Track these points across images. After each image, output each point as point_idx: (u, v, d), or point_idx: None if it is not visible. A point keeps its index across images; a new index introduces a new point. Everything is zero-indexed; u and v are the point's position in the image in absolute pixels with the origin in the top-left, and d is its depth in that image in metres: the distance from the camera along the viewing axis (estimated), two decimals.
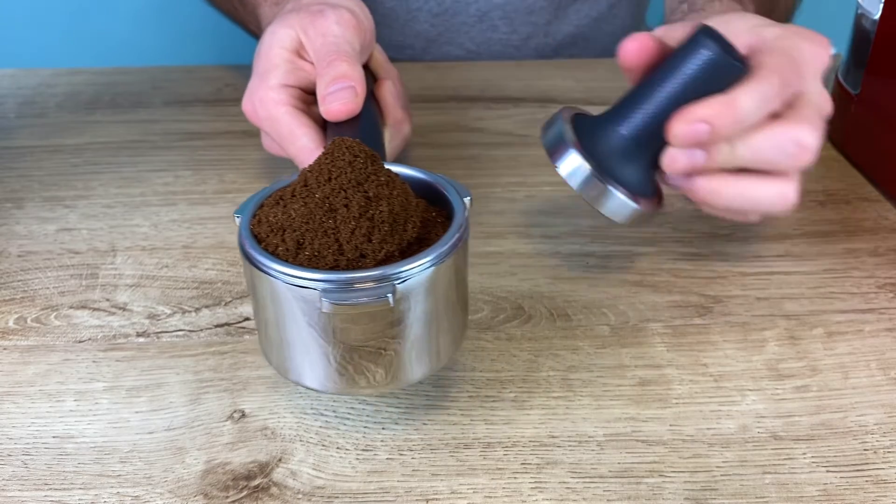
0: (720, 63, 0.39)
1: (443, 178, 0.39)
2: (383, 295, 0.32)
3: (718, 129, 0.40)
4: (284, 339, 0.35)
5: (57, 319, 0.45)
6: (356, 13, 0.52)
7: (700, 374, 0.41)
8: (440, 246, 0.34)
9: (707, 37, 0.40)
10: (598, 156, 0.42)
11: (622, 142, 0.42)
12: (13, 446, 0.38)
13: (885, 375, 0.41)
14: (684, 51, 0.40)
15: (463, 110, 0.67)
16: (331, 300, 0.31)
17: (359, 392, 0.37)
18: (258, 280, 0.34)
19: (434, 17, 0.81)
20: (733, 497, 0.35)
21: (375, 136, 0.48)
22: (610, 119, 0.43)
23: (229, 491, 0.35)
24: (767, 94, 0.40)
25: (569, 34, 0.84)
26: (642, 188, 0.43)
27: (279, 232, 0.34)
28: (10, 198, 0.56)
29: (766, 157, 0.42)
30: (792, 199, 0.43)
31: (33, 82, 0.73)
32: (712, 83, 0.40)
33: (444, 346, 0.36)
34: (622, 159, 0.42)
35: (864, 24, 0.58)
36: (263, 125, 0.51)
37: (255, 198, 0.37)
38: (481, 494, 0.35)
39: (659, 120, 0.41)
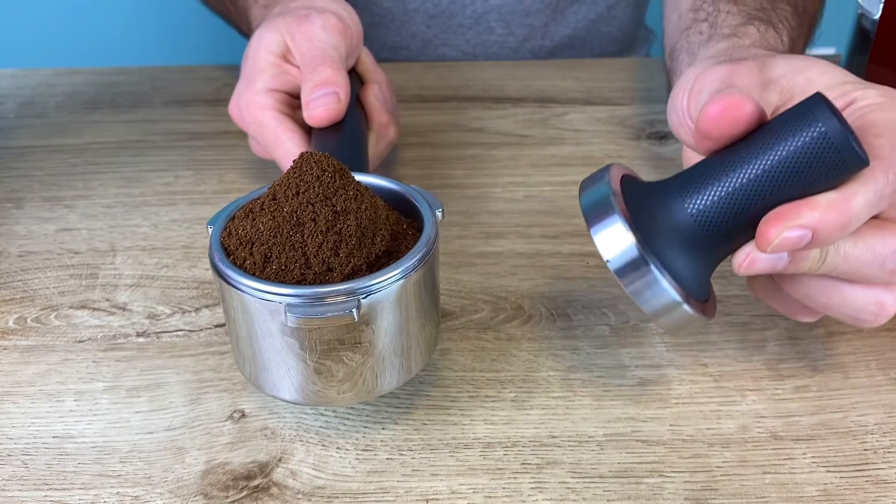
0: (844, 153, 0.30)
1: (415, 189, 0.39)
2: (348, 310, 0.32)
3: (821, 238, 0.32)
4: (255, 352, 0.35)
5: (57, 319, 0.45)
6: (342, 17, 0.52)
7: (700, 374, 0.41)
8: (407, 260, 0.34)
9: (828, 112, 0.30)
10: (651, 234, 0.33)
11: (686, 224, 0.33)
12: (13, 446, 0.38)
13: (885, 375, 0.41)
14: (795, 125, 0.31)
15: (463, 110, 0.67)
16: (296, 314, 0.32)
17: (330, 404, 0.38)
18: (227, 293, 0.34)
19: (430, 18, 0.80)
20: (733, 497, 0.35)
21: (358, 141, 0.48)
22: (674, 191, 0.33)
23: (229, 491, 0.35)
24: (882, 194, 0.32)
25: (566, 36, 0.83)
26: (697, 287, 0.34)
27: (248, 245, 0.34)
28: (10, 198, 0.56)
29: (861, 272, 0.34)
30: (890, 310, 0.35)
31: (33, 82, 0.73)
32: (824, 175, 0.31)
33: (414, 358, 0.37)
34: (681, 245, 0.33)
35: (864, 24, 0.58)
36: (250, 129, 0.51)
37: (227, 209, 0.37)
38: (481, 494, 0.35)
39: (744, 210, 0.32)
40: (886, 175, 0.32)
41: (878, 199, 0.32)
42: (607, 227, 0.33)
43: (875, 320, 0.35)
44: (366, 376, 0.35)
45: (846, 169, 0.31)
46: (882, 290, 0.35)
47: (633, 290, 0.33)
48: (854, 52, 0.59)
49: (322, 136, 0.48)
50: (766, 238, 0.32)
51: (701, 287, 0.34)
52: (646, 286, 0.33)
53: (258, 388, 0.37)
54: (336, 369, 0.34)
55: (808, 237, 0.31)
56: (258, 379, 0.36)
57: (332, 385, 0.35)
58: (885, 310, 0.35)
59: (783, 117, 0.32)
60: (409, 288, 0.34)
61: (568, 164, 0.59)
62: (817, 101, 0.31)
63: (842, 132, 0.30)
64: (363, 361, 0.34)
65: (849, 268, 0.34)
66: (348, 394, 0.35)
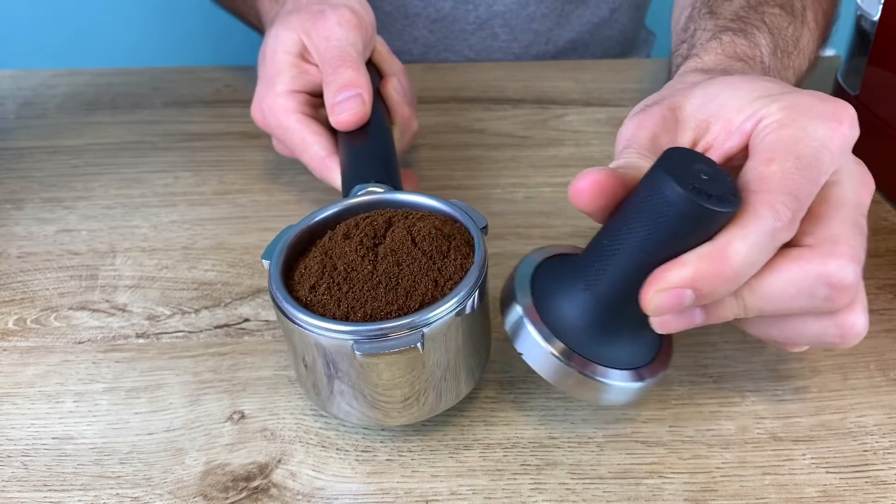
0: (691, 212, 0.29)
1: (458, 204, 0.39)
2: (413, 343, 0.33)
3: (708, 292, 0.30)
4: (318, 381, 0.36)
5: (56, 320, 0.45)
6: (356, 10, 0.52)
7: (700, 375, 0.41)
8: (462, 289, 0.34)
9: (668, 174, 0.30)
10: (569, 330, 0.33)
11: (589, 309, 0.33)
12: (13, 447, 0.38)
13: (885, 376, 0.41)
14: (645, 194, 0.31)
15: (463, 111, 0.67)
16: (363, 350, 0.33)
17: (392, 425, 0.38)
18: (292, 330, 0.35)
19: (432, 23, 0.80)
20: (733, 498, 0.35)
21: (386, 140, 0.48)
22: (574, 275, 0.34)
23: (229, 492, 0.35)
24: (772, 229, 0.30)
25: (569, 41, 0.83)
26: (634, 355, 0.34)
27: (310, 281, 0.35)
28: (10, 199, 0.56)
29: (794, 306, 0.32)
30: (859, 330, 0.33)
31: (33, 83, 0.73)
32: (691, 232, 0.30)
33: (470, 375, 0.37)
34: (594, 329, 0.33)
35: (863, 24, 0.58)
36: (274, 132, 0.51)
37: (279, 242, 0.37)
38: (481, 496, 0.35)
39: (627, 280, 0.32)
40: (773, 208, 0.30)
41: (772, 234, 0.30)
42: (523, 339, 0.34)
43: (843, 342, 0.33)
44: (426, 399, 0.36)
45: (707, 222, 0.30)
46: (840, 314, 0.32)
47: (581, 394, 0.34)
48: (853, 54, 0.59)
49: (349, 138, 0.48)
50: (644, 304, 0.31)
51: (640, 353, 0.34)
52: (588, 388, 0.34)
53: (325, 412, 0.39)
54: (400, 395, 0.35)
55: (688, 294, 0.30)
56: (324, 405, 0.37)
57: (393, 409, 0.35)
58: (849, 331, 0.33)
59: (638, 187, 0.31)
60: (464, 313, 0.34)
61: (568, 165, 0.59)
62: (658, 163, 0.30)
63: (682, 196, 0.29)
64: (424, 386, 0.35)
65: (778, 306, 0.32)
66: (406, 416, 0.36)
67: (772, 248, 0.31)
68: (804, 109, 0.33)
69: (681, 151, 0.31)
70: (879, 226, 0.53)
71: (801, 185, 0.31)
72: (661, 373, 0.35)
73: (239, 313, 0.46)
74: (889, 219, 0.54)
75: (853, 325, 0.32)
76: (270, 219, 0.54)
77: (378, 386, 0.34)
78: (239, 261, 0.50)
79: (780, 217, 0.30)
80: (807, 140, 0.32)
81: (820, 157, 0.32)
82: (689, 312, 0.32)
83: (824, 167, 0.32)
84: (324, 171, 0.49)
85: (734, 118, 0.34)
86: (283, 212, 0.55)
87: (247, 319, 0.45)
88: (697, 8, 0.51)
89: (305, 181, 0.57)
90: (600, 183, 0.32)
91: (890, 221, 0.54)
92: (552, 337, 0.33)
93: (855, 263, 0.31)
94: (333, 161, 0.48)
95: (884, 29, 0.55)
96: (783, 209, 0.30)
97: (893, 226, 0.53)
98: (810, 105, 0.33)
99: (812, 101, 0.33)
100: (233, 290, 0.47)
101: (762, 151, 0.32)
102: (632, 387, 0.34)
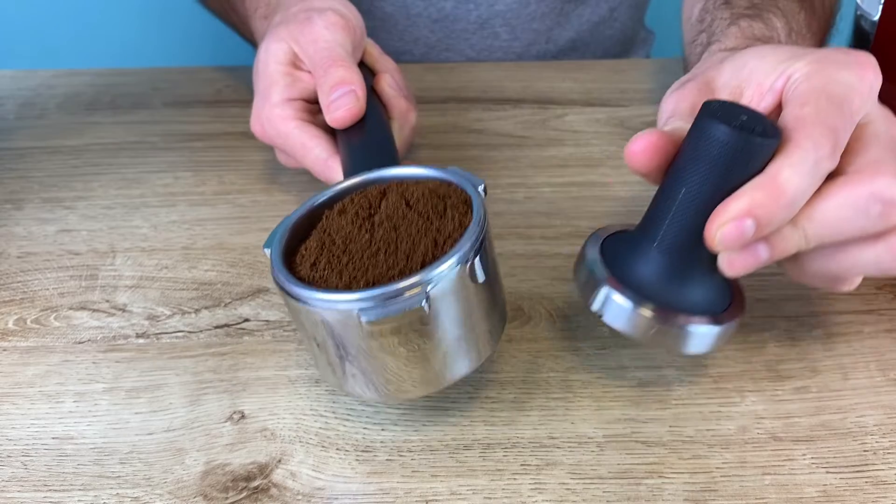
0: (735, 143, 0.32)
1: (454, 170, 0.38)
2: (418, 302, 0.32)
3: (766, 220, 0.32)
4: (331, 359, 0.35)
5: (56, 320, 0.45)
6: (343, 13, 0.52)
7: (699, 375, 0.41)
8: (465, 243, 0.34)
9: (710, 117, 0.33)
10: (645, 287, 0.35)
11: (663, 264, 0.35)
12: (12, 447, 0.38)
13: (885, 376, 0.41)
14: (695, 142, 0.34)
15: (462, 111, 0.67)
16: (369, 316, 0.32)
17: (409, 397, 0.37)
18: (297, 309, 0.34)
19: (433, 23, 0.80)
20: (733, 498, 0.35)
21: (384, 134, 0.48)
22: (642, 237, 0.36)
23: (229, 492, 0.35)
24: (815, 158, 0.33)
25: (569, 40, 0.83)
26: (711, 303, 0.36)
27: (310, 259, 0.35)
28: (10, 199, 0.56)
29: (852, 228, 0.34)
30: None
31: (33, 83, 0.73)
32: (742, 168, 0.33)
33: (483, 342, 0.36)
34: (670, 283, 0.35)
35: (863, 25, 0.58)
36: (275, 142, 0.51)
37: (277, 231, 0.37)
38: (481, 496, 0.35)
39: (694, 229, 0.34)
40: (813, 140, 0.33)
41: (816, 162, 0.33)
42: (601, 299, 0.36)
43: None
44: (440, 366, 0.35)
45: (755, 155, 0.33)
46: (890, 238, 0.34)
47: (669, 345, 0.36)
48: None
49: (347, 136, 0.48)
50: (709, 240, 0.33)
51: (714, 297, 0.36)
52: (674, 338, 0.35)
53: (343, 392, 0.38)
54: (411, 363, 0.34)
55: (748, 224, 0.32)
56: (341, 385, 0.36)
57: (407, 380, 0.35)
58: None
59: (686, 138, 0.34)
60: (468, 270, 0.34)
61: (567, 165, 0.59)
62: (703, 109, 0.34)
63: (728, 132, 0.32)
64: (435, 352, 0.34)
65: (837, 230, 0.34)
66: (422, 387, 0.35)
67: (818, 176, 0.33)
68: (829, 61, 0.36)
69: (718, 102, 0.34)
70: None
71: (835, 119, 0.34)
72: (739, 316, 0.37)
73: (239, 313, 0.46)
74: None
75: (886, 192, 0.34)
76: (270, 219, 0.54)
77: (389, 355, 0.34)
78: (239, 261, 0.50)
79: (821, 147, 0.33)
80: (835, 84, 0.34)
81: (850, 97, 0.34)
82: (754, 249, 0.34)
83: (855, 107, 0.34)
84: (327, 173, 0.49)
85: (764, 81, 0.37)
86: (283, 212, 0.54)
87: (247, 319, 0.45)
88: (711, 1, 0.54)
89: (305, 181, 0.57)
90: (654, 143, 0.35)
91: None
92: (639, 300, 0.35)
93: None
94: (335, 162, 0.48)
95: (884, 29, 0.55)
96: (822, 140, 0.33)
97: None
98: (835, 57, 0.36)
99: (836, 54, 0.36)
100: (233, 290, 0.47)
101: (795, 99, 0.35)
102: (714, 331, 0.35)
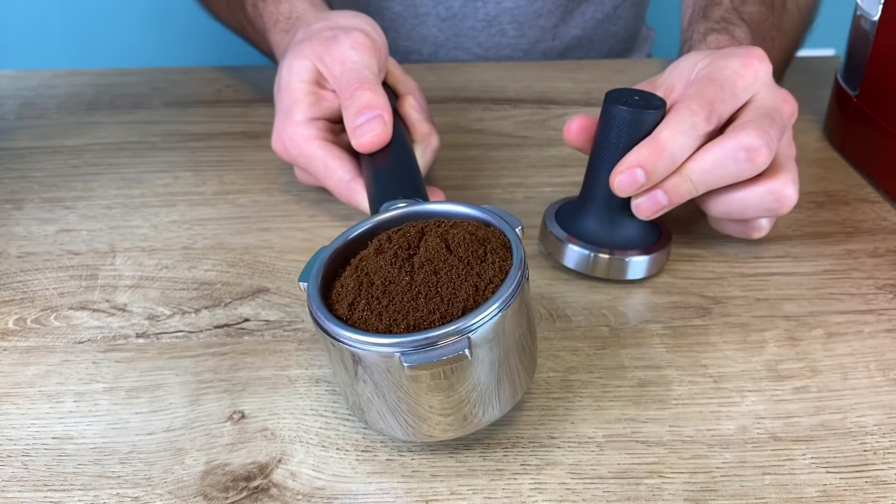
0: (628, 116, 0.43)
1: (490, 209, 0.38)
2: (460, 349, 0.32)
3: (651, 168, 0.42)
4: (364, 398, 0.35)
5: (56, 320, 0.45)
6: (369, 33, 0.52)
7: (699, 375, 0.41)
8: (506, 290, 0.33)
9: (611, 101, 0.44)
10: (593, 236, 0.46)
11: (600, 217, 0.46)
12: (13, 447, 0.38)
13: (885, 376, 0.41)
14: (602, 119, 0.45)
15: (463, 111, 0.67)
16: (410, 362, 0.32)
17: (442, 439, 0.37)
18: (336, 349, 0.34)
19: (442, 21, 0.80)
20: (733, 498, 0.35)
21: (409, 159, 0.48)
22: (582, 200, 0.47)
23: (229, 492, 0.35)
24: (691, 120, 0.42)
25: (575, 37, 0.84)
26: (643, 240, 0.47)
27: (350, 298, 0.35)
28: (10, 199, 0.56)
29: (724, 173, 0.43)
30: (787, 193, 0.44)
31: (33, 83, 0.73)
32: (635, 133, 0.43)
33: (519, 382, 0.36)
34: (610, 229, 0.46)
35: (863, 25, 0.58)
36: (297, 161, 0.51)
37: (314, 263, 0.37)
38: (481, 495, 0.35)
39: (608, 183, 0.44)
40: (689, 108, 0.42)
41: (692, 126, 0.42)
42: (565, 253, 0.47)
43: (780, 206, 0.44)
44: (468, 410, 0.35)
45: (643, 124, 0.43)
46: (769, 181, 0.44)
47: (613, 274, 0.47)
48: (853, 54, 0.59)
49: (372, 160, 0.48)
50: (614, 187, 0.43)
51: (646, 238, 0.47)
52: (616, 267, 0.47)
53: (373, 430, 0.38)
54: (447, 406, 0.34)
55: (640, 174, 0.42)
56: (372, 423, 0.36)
57: (443, 421, 0.35)
58: (781, 194, 0.44)
59: (599, 118, 0.45)
60: (508, 318, 0.34)
61: (567, 165, 0.59)
62: (605, 98, 0.45)
63: (621, 108, 0.43)
64: (471, 396, 0.34)
65: (716, 176, 0.43)
66: (455, 429, 0.35)
67: (695, 136, 0.42)
68: (723, 55, 0.46)
69: (617, 90, 0.45)
70: (879, 226, 0.53)
71: (712, 94, 0.43)
72: (666, 247, 0.47)
73: (239, 313, 0.46)
74: (888, 219, 0.54)
75: (782, 189, 0.44)
76: (270, 219, 0.54)
77: (423, 398, 0.34)
78: (239, 261, 0.50)
79: (696, 113, 0.42)
80: (720, 70, 0.44)
81: (732, 79, 0.44)
82: (654, 195, 0.43)
83: (738, 87, 0.44)
84: (349, 195, 0.49)
85: (687, 76, 0.46)
86: (283, 212, 0.55)
87: (247, 319, 0.45)
88: (696, 12, 0.60)
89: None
90: (582, 124, 0.47)
91: (889, 222, 0.54)
92: (592, 248, 0.46)
93: (762, 133, 0.42)
94: (358, 184, 0.48)
95: (884, 29, 0.55)
96: (697, 108, 0.42)
97: (893, 226, 0.53)
98: (729, 52, 0.46)
99: (731, 50, 0.46)
100: (233, 290, 0.47)
101: (692, 84, 0.45)
102: (646, 259, 0.46)
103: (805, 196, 0.56)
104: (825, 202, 0.56)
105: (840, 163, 0.60)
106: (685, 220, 0.52)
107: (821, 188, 0.57)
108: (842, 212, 0.55)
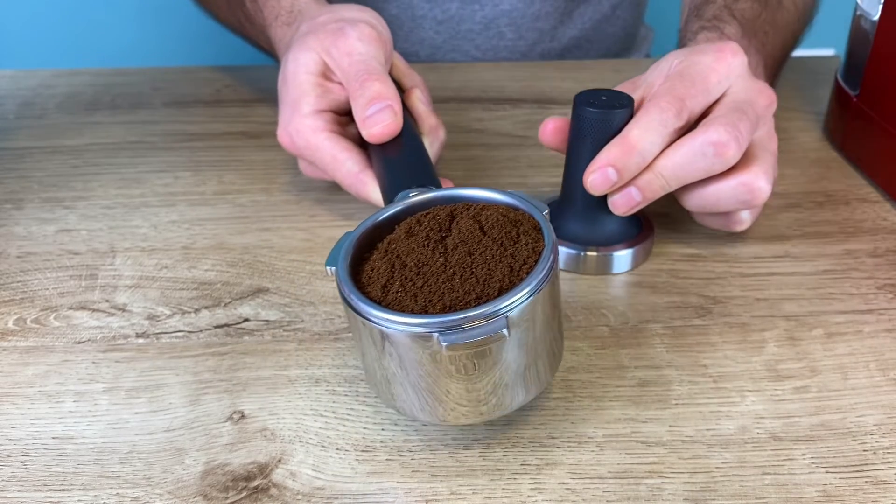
0: (596, 117, 0.44)
1: (517, 195, 0.38)
2: (499, 329, 0.32)
3: (622, 166, 0.43)
4: (396, 380, 0.35)
5: (56, 320, 0.45)
6: (375, 26, 0.51)
7: (699, 375, 0.41)
8: (541, 270, 0.33)
9: (579, 102, 0.45)
10: (578, 235, 0.48)
11: (581, 215, 0.47)
12: (12, 447, 0.38)
13: (885, 376, 0.41)
14: (573, 121, 0.46)
15: (463, 111, 0.67)
16: (449, 342, 0.32)
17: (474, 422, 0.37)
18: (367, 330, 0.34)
19: (439, 24, 0.80)
20: (733, 498, 0.35)
21: (419, 151, 0.48)
22: (563, 201, 0.49)
23: (229, 492, 0.35)
24: (660, 117, 0.43)
25: (573, 38, 0.84)
26: (625, 234, 0.48)
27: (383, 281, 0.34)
28: (10, 199, 0.56)
29: (694, 168, 0.43)
30: (759, 185, 0.44)
31: (33, 83, 0.73)
32: (604, 132, 0.44)
33: (548, 367, 0.36)
34: (592, 226, 0.48)
35: (863, 24, 0.58)
36: (303, 154, 0.50)
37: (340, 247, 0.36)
38: (481, 495, 0.35)
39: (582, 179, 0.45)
40: (658, 105, 0.43)
41: (661, 123, 0.42)
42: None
43: (753, 199, 0.45)
44: (499, 393, 0.35)
45: (612, 123, 0.44)
46: (741, 173, 0.44)
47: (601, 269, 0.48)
48: (853, 54, 0.59)
49: (382, 151, 0.47)
50: (588, 187, 0.44)
51: (628, 232, 0.48)
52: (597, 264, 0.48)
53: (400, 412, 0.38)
54: (483, 387, 0.34)
55: (612, 173, 0.43)
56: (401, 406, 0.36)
57: (478, 403, 0.35)
58: (753, 187, 0.44)
59: (570, 119, 0.46)
60: (541, 299, 0.34)
61: None
62: (574, 100, 0.45)
63: (588, 110, 0.44)
64: (505, 377, 0.34)
65: (687, 171, 0.43)
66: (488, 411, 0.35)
67: (664, 133, 0.43)
68: (696, 51, 0.46)
69: (586, 91, 0.46)
70: (879, 226, 0.53)
71: (683, 90, 0.44)
72: (648, 240, 0.49)
73: (239, 313, 0.46)
74: (888, 219, 0.54)
75: (754, 182, 0.44)
76: (270, 219, 0.54)
77: (456, 379, 0.33)
78: (239, 261, 0.50)
79: (665, 111, 0.43)
80: (693, 66, 0.45)
81: (704, 74, 0.44)
82: (628, 193, 0.44)
83: (710, 82, 0.44)
84: (359, 187, 0.49)
85: (665, 74, 0.46)
86: (283, 212, 0.55)
87: (247, 319, 0.45)
88: (691, 11, 0.61)
89: (305, 181, 0.57)
90: (557, 125, 0.48)
91: (889, 222, 0.54)
92: (578, 247, 0.48)
93: (731, 128, 0.42)
94: (368, 176, 0.48)
95: (884, 29, 0.55)
96: (667, 105, 0.43)
97: (893, 226, 0.53)
98: (702, 48, 0.46)
99: (705, 45, 0.46)
100: (233, 290, 0.47)
101: (663, 83, 0.45)
102: (629, 252, 0.48)
103: (805, 196, 0.56)
104: (825, 202, 0.56)
105: (840, 163, 0.60)
106: (685, 219, 0.52)
107: (821, 188, 0.57)
108: (842, 212, 0.55)
